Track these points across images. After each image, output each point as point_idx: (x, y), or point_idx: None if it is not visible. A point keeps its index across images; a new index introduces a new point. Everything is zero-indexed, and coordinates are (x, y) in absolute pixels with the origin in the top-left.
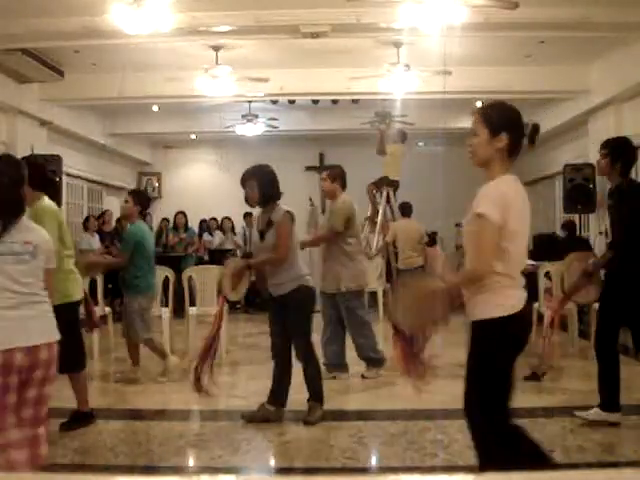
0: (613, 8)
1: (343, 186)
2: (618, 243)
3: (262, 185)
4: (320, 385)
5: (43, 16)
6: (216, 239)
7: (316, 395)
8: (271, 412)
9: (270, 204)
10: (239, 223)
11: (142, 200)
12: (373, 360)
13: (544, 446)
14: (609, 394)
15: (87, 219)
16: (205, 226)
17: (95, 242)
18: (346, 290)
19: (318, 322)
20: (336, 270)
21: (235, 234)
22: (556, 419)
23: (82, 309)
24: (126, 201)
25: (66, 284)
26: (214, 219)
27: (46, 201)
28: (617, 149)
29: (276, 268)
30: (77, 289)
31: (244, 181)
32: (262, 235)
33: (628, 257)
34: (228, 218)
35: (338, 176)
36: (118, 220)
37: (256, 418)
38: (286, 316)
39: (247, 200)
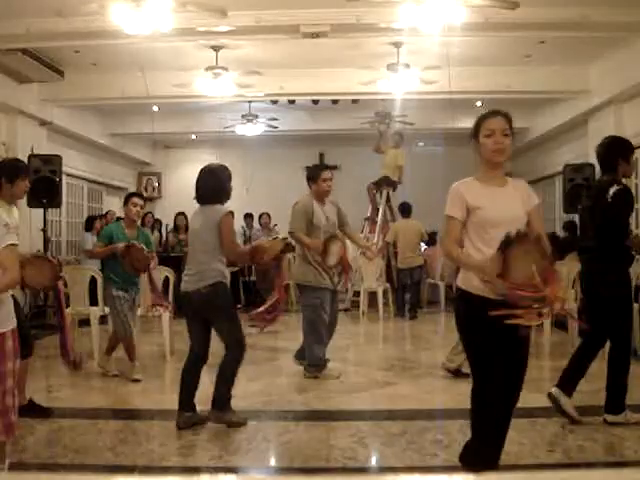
0: (613, 8)
1: None
2: None
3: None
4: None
5: (43, 16)
6: None
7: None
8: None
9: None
10: (239, 223)
11: None
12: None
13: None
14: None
15: (91, 219)
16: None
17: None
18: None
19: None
20: None
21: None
22: (556, 419)
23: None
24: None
25: None
26: None
27: None
28: (614, 146)
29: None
30: None
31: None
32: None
33: None
34: (250, 215)
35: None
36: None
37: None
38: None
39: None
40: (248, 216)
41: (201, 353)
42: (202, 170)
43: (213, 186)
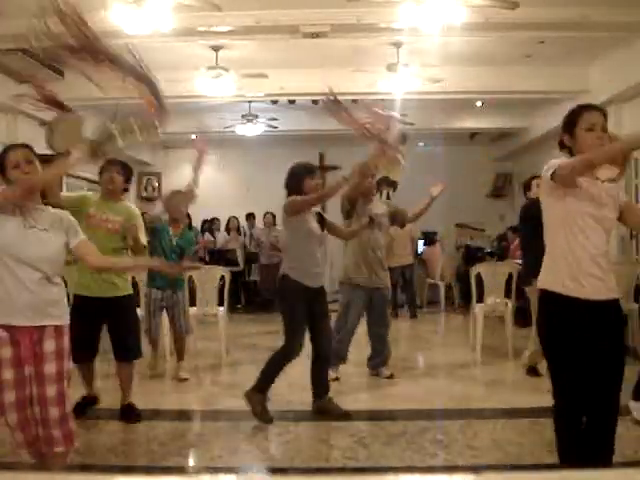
0: (613, 8)
1: None
2: None
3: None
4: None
5: (43, 16)
6: (220, 239)
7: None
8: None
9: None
10: (241, 223)
11: None
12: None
13: None
14: None
15: None
16: (207, 226)
17: None
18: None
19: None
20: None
21: (240, 233)
22: None
23: None
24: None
25: None
26: (217, 219)
27: None
28: None
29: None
30: None
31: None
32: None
33: None
34: (235, 217)
35: None
36: None
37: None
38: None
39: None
40: (250, 216)
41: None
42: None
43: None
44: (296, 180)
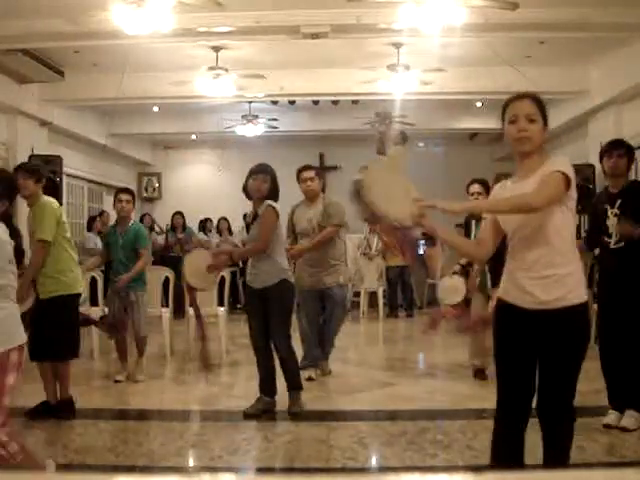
0: (613, 8)
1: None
2: None
3: (273, 181)
4: (299, 374)
5: (43, 16)
6: (213, 239)
7: (297, 384)
8: (268, 402)
9: (264, 201)
10: (239, 223)
11: None
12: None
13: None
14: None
15: (92, 219)
16: (202, 226)
17: (99, 241)
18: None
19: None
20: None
21: (231, 234)
22: None
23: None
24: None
25: None
26: (209, 219)
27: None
28: (631, 149)
29: (258, 259)
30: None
31: (257, 173)
32: (248, 228)
33: None
34: (224, 219)
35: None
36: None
37: (257, 411)
38: (268, 310)
39: (250, 190)
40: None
41: None
42: None
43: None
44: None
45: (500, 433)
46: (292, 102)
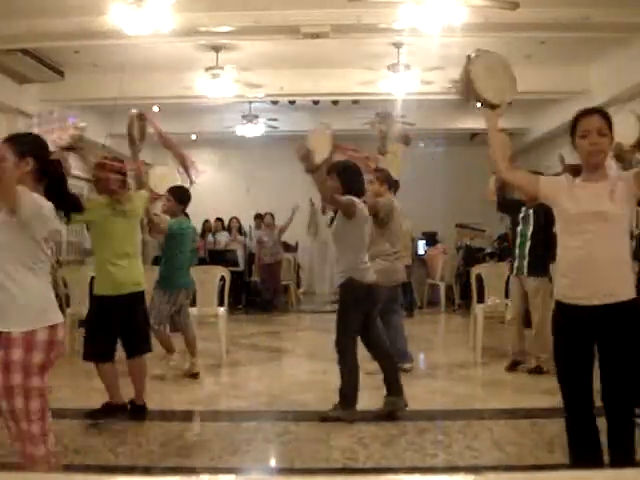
0: (613, 8)
1: None
2: None
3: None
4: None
5: (43, 16)
6: (222, 239)
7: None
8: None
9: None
10: (248, 222)
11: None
12: None
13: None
14: None
15: None
16: (207, 226)
17: None
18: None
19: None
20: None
21: (241, 234)
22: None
23: None
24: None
25: None
26: (220, 219)
27: None
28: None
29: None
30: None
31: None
32: (332, 220)
33: None
34: (235, 218)
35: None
36: None
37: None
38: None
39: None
40: (258, 217)
41: None
42: None
43: None
44: None
45: (573, 427)
46: (292, 102)
